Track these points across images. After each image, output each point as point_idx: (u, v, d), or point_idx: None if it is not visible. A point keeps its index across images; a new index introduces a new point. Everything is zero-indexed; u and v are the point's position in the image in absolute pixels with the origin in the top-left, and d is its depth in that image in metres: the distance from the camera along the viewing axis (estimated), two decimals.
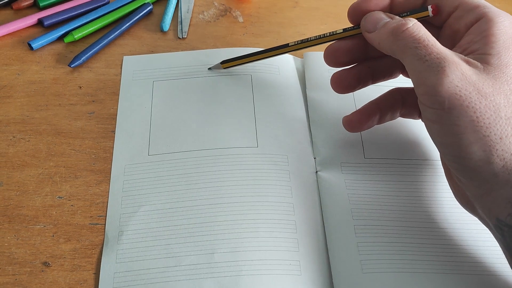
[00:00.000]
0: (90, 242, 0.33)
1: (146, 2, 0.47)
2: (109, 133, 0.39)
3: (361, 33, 0.33)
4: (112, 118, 0.39)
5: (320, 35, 0.36)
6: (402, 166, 0.37)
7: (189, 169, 0.36)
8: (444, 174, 0.34)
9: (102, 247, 0.33)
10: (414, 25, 0.29)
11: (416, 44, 0.28)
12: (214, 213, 0.34)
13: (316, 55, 0.44)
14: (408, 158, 0.37)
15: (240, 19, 0.48)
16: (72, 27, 0.45)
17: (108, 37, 0.44)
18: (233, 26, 0.47)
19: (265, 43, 0.46)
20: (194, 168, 0.36)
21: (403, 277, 0.32)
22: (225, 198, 0.35)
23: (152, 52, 0.44)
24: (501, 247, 0.30)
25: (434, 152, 0.38)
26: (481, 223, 0.32)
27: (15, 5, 0.46)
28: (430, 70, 0.28)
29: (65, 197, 0.35)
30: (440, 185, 0.36)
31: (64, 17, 0.45)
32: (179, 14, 0.48)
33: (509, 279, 0.32)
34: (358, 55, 0.35)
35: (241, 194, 0.35)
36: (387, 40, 0.30)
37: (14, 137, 0.38)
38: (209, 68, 0.41)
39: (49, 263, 0.32)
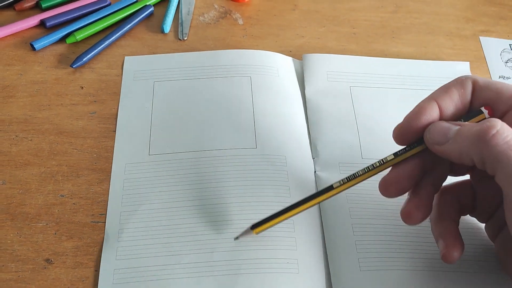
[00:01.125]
0: (91, 239, 0.34)
1: (147, 4, 0.48)
2: (111, 133, 0.39)
3: (417, 153, 0.30)
4: (114, 118, 0.40)
5: (369, 167, 0.31)
6: None
7: (189, 169, 0.37)
8: None
9: (103, 245, 0.34)
10: (502, 127, 0.26)
11: None
12: (213, 213, 0.35)
13: (315, 57, 0.44)
14: None
15: (240, 21, 0.49)
16: (74, 28, 0.45)
17: (110, 38, 0.45)
18: (233, 28, 0.48)
19: (264, 45, 0.46)
20: (194, 168, 0.37)
21: (400, 275, 0.32)
22: (224, 198, 0.35)
23: (153, 53, 0.45)
24: None
25: None
26: (476, 220, 0.32)
27: (17, 6, 0.47)
28: None
29: (67, 195, 0.36)
30: None
31: (66, 18, 0.46)
32: (179, 16, 0.48)
33: (503, 277, 0.33)
34: (419, 176, 0.30)
35: (240, 194, 0.35)
36: (472, 148, 0.26)
37: (16, 136, 0.38)
38: (236, 238, 0.32)
39: (51, 260, 0.33)
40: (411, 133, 0.30)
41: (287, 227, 0.34)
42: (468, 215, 0.33)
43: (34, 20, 0.46)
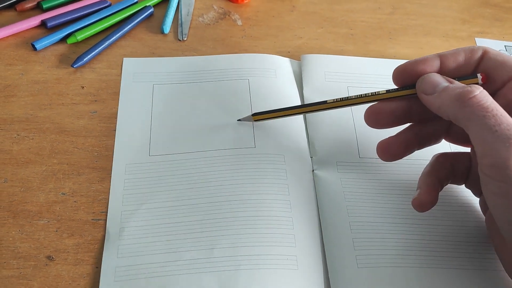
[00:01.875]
0: (92, 237, 0.34)
1: (147, 5, 0.49)
2: (111, 132, 0.39)
3: (406, 95, 0.33)
4: (114, 117, 0.40)
5: (361, 94, 0.34)
6: (395, 165, 0.38)
7: (189, 169, 0.37)
8: None
9: (104, 243, 0.34)
10: (481, 92, 0.28)
11: (484, 112, 0.27)
12: (213, 211, 0.35)
13: (313, 57, 0.45)
14: None
15: (239, 22, 0.49)
16: (75, 28, 0.45)
17: (110, 38, 0.45)
18: (232, 29, 0.48)
19: (263, 46, 0.47)
20: (194, 168, 0.37)
21: (397, 271, 0.33)
22: (224, 196, 0.36)
23: (153, 53, 0.45)
24: None
25: (425, 152, 0.39)
26: (473, 219, 0.33)
27: (18, 7, 0.47)
28: (499, 142, 0.26)
29: (68, 193, 0.36)
30: None
31: (67, 18, 0.46)
32: (179, 17, 0.49)
33: (499, 274, 0.33)
34: (400, 118, 0.34)
35: (240, 192, 0.36)
36: (451, 106, 0.29)
37: (18, 135, 0.39)
38: (239, 120, 0.39)
39: (52, 257, 0.33)
40: (406, 76, 0.33)
41: (286, 224, 0.34)
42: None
43: (35, 20, 0.46)
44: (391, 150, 0.34)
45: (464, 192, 0.37)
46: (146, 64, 0.44)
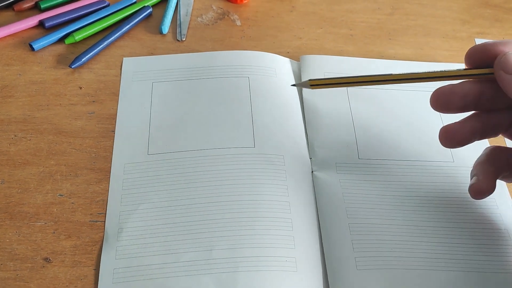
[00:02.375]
0: (90, 238, 0.34)
1: (145, 5, 0.48)
2: (109, 133, 0.39)
3: (480, 74, 0.31)
4: (112, 118, 0.40)
5: (431, 71, 0.32)
6: (395, 167, 0.38)
7: (188, 168, 0.37)
8: (432, 174, 0.34)
9: (102, 244, 0.34)
10: None
11: None
12: (212, 211, 0.35)
13: (313, 58, 0.45)
14: (400, 159, 0.38)
15: (238, 23, 0.49)
16: (73, 28, 0.45)
17: (108, 38, 0.45)
18: (231, 30, 0.48)
19: (262, 46, 0.47)
20: (192, 167, 0.37)
21: (396, 273, 0.33)
22: (223, 197, 0.35)
23: (152, 54, 0.45)
24: None
25: (424, 153, 0.39)
26: (471, 221, 0.32)
27: (16, 7, 0.47)
28: None
29: (65, 195, 0.36)
30: (430, 185, 0.37)
31: (65, 19, 0.46)
32: (178, 17, 0.48)
33: (497, 276, 0.33)
34: (470, 103, 0.31)
35: (239, 192, 0.36)
36: None
37: (15, 136, 0.39)
38: (293, 85, 0.37)
39: (50, 259, 0.33)
40: (483, 56, 0.31)
41: (285, 225, 0.34)
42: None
43: (33, 20, 0.46)
44: (456, 137, 0.32)
45: (462, 195, 0.36)
46: (146, 63, 0.44)
